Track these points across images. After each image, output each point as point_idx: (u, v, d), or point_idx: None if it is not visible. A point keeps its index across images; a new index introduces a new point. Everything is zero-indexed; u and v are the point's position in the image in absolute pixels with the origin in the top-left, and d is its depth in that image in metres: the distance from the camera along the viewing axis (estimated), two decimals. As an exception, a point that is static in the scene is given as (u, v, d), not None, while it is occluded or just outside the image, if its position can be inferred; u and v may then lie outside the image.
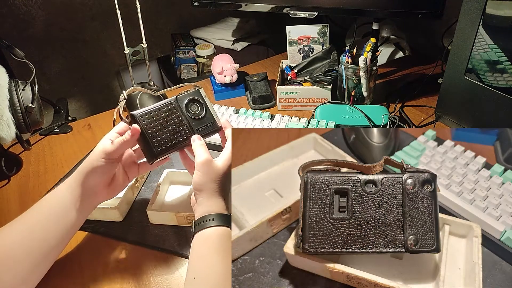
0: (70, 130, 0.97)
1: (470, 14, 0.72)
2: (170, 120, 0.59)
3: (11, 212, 0.74)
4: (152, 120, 0.58)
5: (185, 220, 0.67)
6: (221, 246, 0.53)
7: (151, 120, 0.58)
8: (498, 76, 0.72)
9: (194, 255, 0.53)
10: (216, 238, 0.53)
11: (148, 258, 0.64)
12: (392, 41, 1.14)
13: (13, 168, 0.84)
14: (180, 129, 0.60)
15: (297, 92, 0.95)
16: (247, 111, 0.92)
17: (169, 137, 0.59)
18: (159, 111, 0.59)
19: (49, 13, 1.33)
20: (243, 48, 1.37)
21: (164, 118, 0.59)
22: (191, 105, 0.61)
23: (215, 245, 0.53)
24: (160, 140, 0.58)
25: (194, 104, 0.62)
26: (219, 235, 0.53)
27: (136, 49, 0.89)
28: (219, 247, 0.52)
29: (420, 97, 0.99)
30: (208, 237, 0.53)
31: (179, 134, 0.60)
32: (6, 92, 0.72)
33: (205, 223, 0.54)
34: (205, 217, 0.54)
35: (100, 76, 1.53)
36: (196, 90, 0.63)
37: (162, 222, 0.69)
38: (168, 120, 0.59)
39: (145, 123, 0.58)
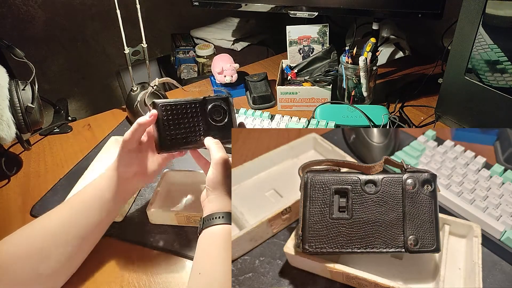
0: (70, 130, 0.97)
1: (470, 14, 0.72)
2: (189, 118, 0.59)
3: (11, 211, 0.74)
4: (172, 112, 0.58)
5: (185, 220, 0.67)
6: (227, 244, 0.53)
7: (170, 112, 0.58)
8: (498, 76, 0.72)
9: (200, 251, 0.53)
10: (223, 236, 0.53)
11: (148, 258, 0.64)
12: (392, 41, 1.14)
13: (13, 168, 0.84)
14: (195, 129, 0.59)
15: (297, 92, 0.95)
16: (247, 111, 0.92)
17: (182, 134, 0.58)
18: (181, 106, 0.59)
19: (49, 13, 1.32)
20: (243, 48, 1.37)
21: (184, 114, 0.58)
22: (215, 111, 0.60)
23: (222, 243, 0.53)
24: (172, 134, 0.58)
25: (219, 110, 0.60)
26: (225, 233, 0.54)
27: (136, 49, 0.89)
28: (226, 244, 0.53)
29: (420, 97, 0.99)
30: (215, 234, 0.53)
31: (193, 135, 0.59)
32: (6, 92, 0.72)
33: (214, 220, 0.54)
34: (214, 215, 0.54)
35: (100, 76, 1.53)
36: (226, 97, 0.61)
37: (162, 222, 0.69)
38: (187, 118, 0.59)
39: (164, 114, 0.58)
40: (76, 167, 0.84)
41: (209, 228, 0.54)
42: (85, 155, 0.87)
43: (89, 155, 0.87)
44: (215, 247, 0.53)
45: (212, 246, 0.53)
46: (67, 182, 0.79)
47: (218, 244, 0.53)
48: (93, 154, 0.86)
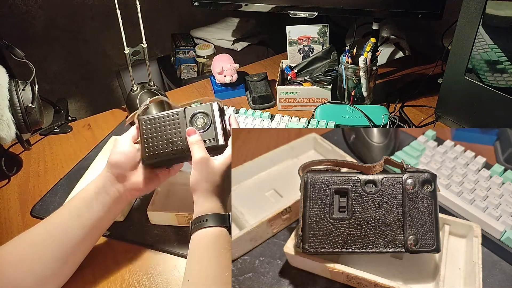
0: (70, 130, 0.97)
1: (470, 14, 0.72)
2: (169, 129, 0.59)
3: (11, 211, 0.74)
4: (152, 126, 0.59)
5: (186, 220, 0.67)
6: (215, 247, 0.52)
7: (151, 127, 0.59)
8: (498, 76, 0.72)
9: (189, 256, 0.53)
10: (210, 239, 0.53)
11: (148, 258, 0.64)
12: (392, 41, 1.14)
13: (13, 168, 0.84)
14: (175, 140, 0.58)
15: (297, 92, 0.95)
16: (247, 111, 0.92)
17: (163, 145, 0.58)
18: (162, 119, 0.59)
19: (49, 13, 1.32)
20: (243, 48, 1.37)
21: (164, 127, 0.59)
22: (197, 119, 0.59)
23: (209, 247, 0.52)
24: (152, 147, 0.58)
25: (201, 117, 0.60)
26: (213, 236, 0.53)
27: (136, 49, 0.89)
28: (213, 248, 0.52)
29: (420, 97, 0.99)
30: (202, 238, 0.53)
31: (175, 145, 0.58)
32: (6, 92, 0.72)
33: (200, 223, 0.53)
34: (200, 218, 0.54)
35: (100, 76, 1.53)
36: (207, 104, 0.60)
37: (162, 222, 0.69)
38: (167, 130, 0.59)
39: (145, 128, 0.59)
40: (76, 167, 0.84)
41: (196, 232, 0.53)
42: (85, 155, 0.87)
43: (89, 155, 0.87)
44: (202, 252, 0.52)
45: (199, 251, 0.52)
46: (67, 182, 0.79)
47: (205, 248, 0.52)
48: (93, 154, 0.86)
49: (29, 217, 0.73)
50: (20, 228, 0.71)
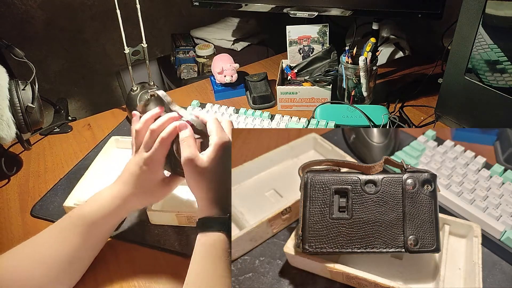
0: (70, 130, 0.97)
1: (470, 14, 0.72)
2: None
3: (11, 212, 0.74)
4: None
5: (186, 220, 0.67)
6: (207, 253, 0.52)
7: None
8: (498, 76, 0.72)
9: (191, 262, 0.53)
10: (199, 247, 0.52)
11: (148, 258, 0.64)
12: (392, 41, 1.14)
13: (13, 168, 0.84)
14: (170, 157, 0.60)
15: (297, 92, 0.95)
16: (247, 111, 0.92)
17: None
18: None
19: (49, 13, 1.32)
20: (243, 48, 1.37)
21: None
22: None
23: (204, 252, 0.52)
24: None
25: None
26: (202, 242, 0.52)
27: (136, 49, 0.89)
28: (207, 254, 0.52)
29: (420, 97, 0.99)
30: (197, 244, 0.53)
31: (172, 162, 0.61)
32: (6, 92, 0.72)
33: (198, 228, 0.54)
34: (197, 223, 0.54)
35: (100, 76, 1.53)
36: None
37: (162, 222, 0.69)
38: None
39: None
40: (76, 167, 0.84)
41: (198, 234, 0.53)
42: (85, 155, 0.87)
43: (89, 155, 0.87)
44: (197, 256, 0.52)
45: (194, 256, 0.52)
46: (67, 182, 0.79)
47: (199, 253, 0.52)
48: (93, 154, 0.86)
49: (29, 217, 0.73)
50: (19, 228, 0.71)
